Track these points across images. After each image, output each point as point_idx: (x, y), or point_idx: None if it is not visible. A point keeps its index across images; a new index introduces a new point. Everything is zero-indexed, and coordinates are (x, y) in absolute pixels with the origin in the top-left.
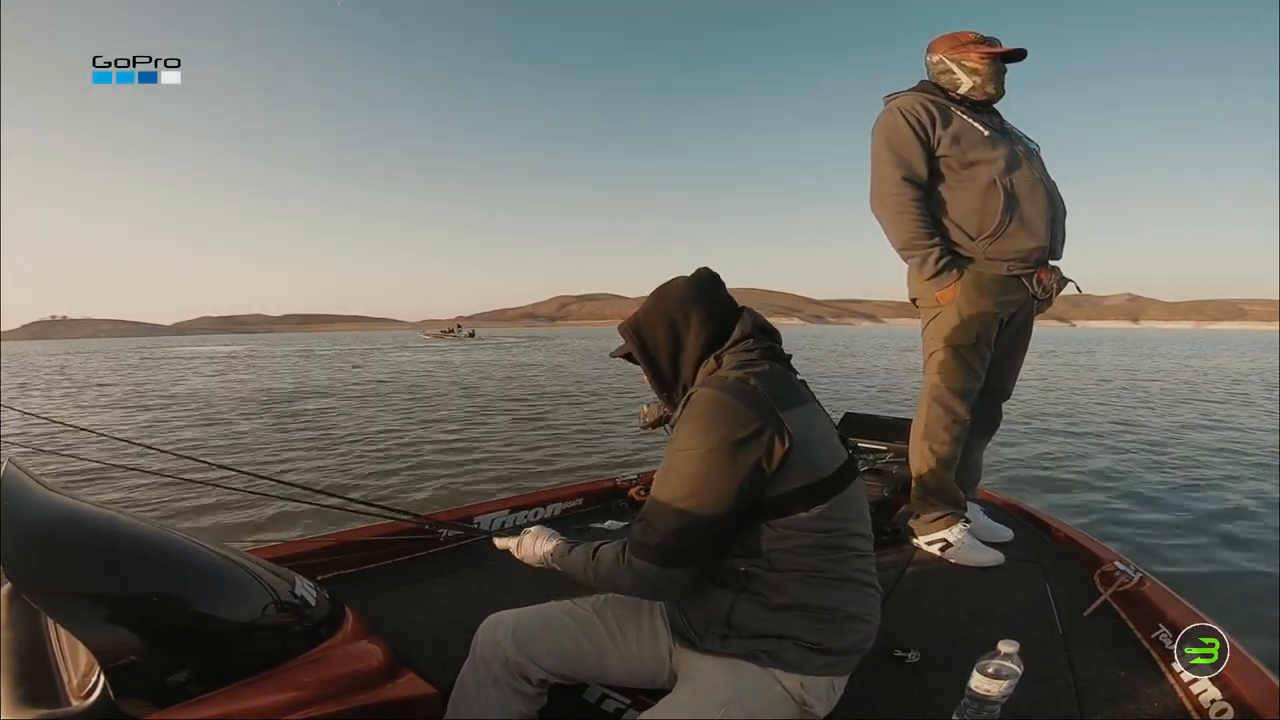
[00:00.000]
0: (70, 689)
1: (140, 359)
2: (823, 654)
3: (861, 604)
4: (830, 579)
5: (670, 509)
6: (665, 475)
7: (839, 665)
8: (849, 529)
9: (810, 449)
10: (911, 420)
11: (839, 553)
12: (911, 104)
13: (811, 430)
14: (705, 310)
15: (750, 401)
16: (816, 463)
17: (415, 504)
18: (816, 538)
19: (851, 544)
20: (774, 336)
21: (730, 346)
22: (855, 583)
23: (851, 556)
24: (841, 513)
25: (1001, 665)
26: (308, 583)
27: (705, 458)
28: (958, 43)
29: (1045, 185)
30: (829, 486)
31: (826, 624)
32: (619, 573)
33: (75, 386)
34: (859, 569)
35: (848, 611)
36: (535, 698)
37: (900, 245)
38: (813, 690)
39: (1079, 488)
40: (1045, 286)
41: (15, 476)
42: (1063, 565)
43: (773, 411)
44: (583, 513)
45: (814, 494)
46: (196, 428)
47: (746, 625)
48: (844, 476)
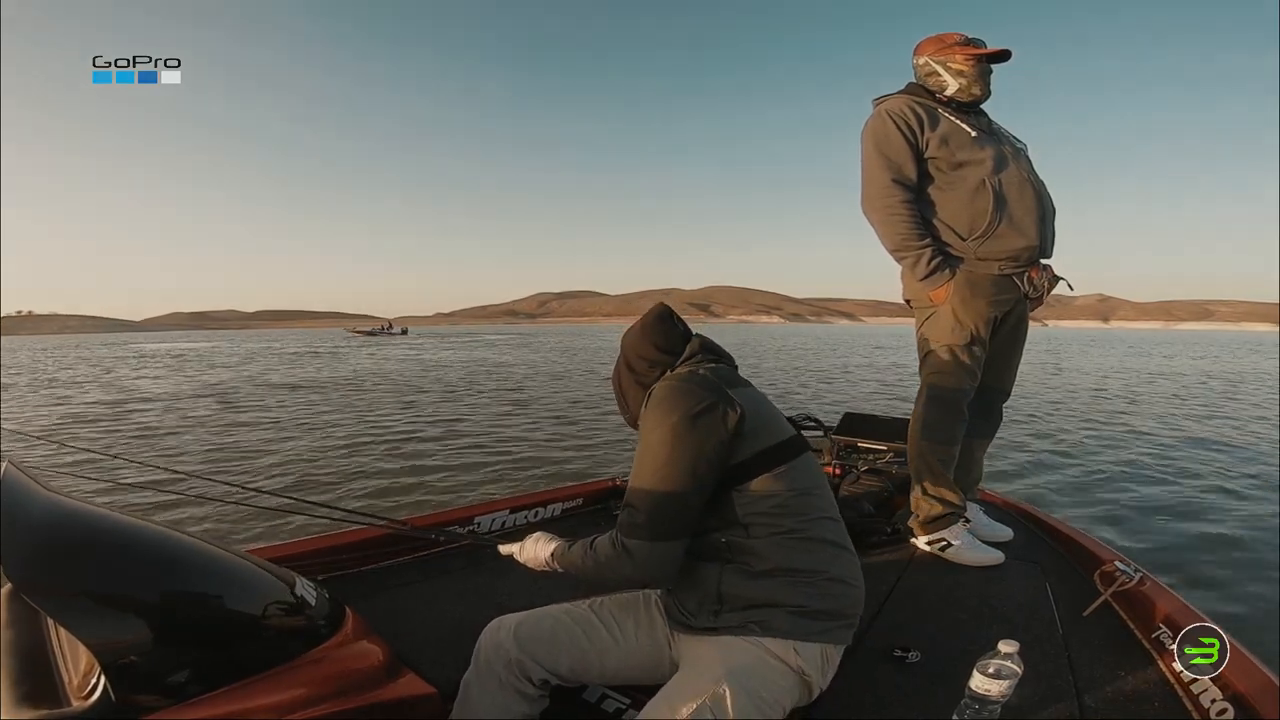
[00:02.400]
0: (70, 689)
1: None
2: (812, 618)
3: (842, 566)
4: (805, 538)
5: (648, 487)
6: (639, 459)
7: (830, 632)
8: (812, 492)
9: (760, 418)
10: (909, 420)
11: (809, 515)
12: (899, 107)
13: (758, 406)
14: (655, 347)
15: (700, 383)
16: (769, 431)
17: (415, 503)
18: (784, 499)
19: (819, 505)
20: (720, 354)
21: (682, 362)
22: (831, 544)
23: (821, 519)
24: (802, 477)
25: (1002, 665)
26: (308, 583)
27: (669, 432)
28: (943, 45)
29: (1034, 184)
30: (784, 451)
31: (810, 586)
32: (615, 557)
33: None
34: (832, 532)
35: (830, 573)
36: (538, 699)
37: (892, 247)
38: (807, 656)
39: (1080, 487)
40: (1036, 285)
41: (15, 477)
42: (1063, 565)
43: (721, 389)
44: (582, 512)
45: (772, 457)
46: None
47: (736, 595)
48: (796, 445)
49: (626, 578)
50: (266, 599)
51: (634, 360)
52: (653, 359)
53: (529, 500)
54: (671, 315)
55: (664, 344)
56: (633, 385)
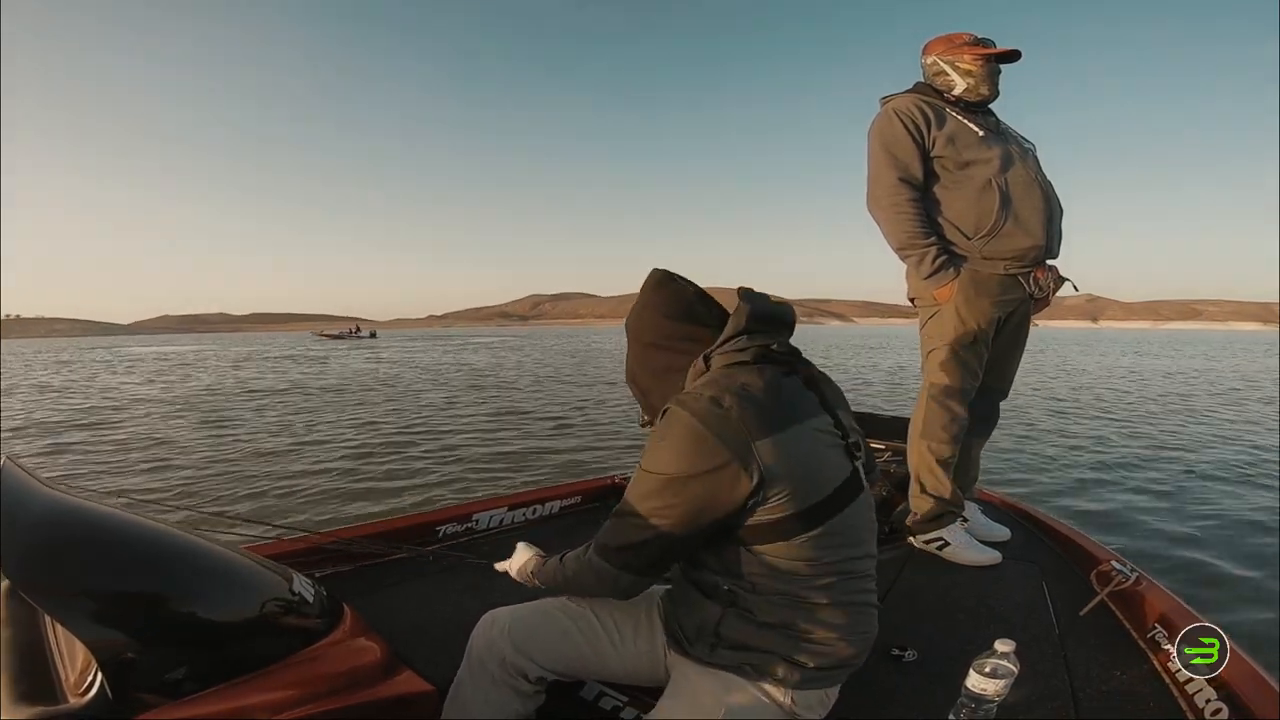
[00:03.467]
0: (67, 686)
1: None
2: (813, 670)
3: (856, 625)
4: (819, 604)
5: (630, 521)
6: (632, 489)
7: (831, 678)
8: (844, 553)
9: (794, 479)
10: (909, 419)
11: (829, 578)
12: (906, 105)
13: (798, 456)
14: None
15: (717, 429)
16: (800, 492)
17: (415, 503)
18: (801, 565)
19: (846, 568)
20: (775, 325)
21: (721, 345)
22: (851, 605)
23: (845, 580)
24: (833, 539)
25: (998, 664)
26: (305, 580)
27: (663, 484)
28: (952, 44)
29: (1041, 184)
30: (818, 513)
31: (817, 644)
32: (582, 571)
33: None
34: (856, 590)
35: (840, 634)
36: (533, 696)
37: (898, 245)
38: (802, 702)
39: (1078, 487)
40: (1042, 285)
41: (13, 473)
42: (1060, 564)
43: (743, 443)
44: (581, 510)
45: (797, 522)
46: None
47: (734, 638)
48: (841, 498)
49: (587, 592)
50: (264, 596)
51: (650, 352)
52: (671, 333)
53: (527, 498)
54: (673, 276)
55: (681, 309)
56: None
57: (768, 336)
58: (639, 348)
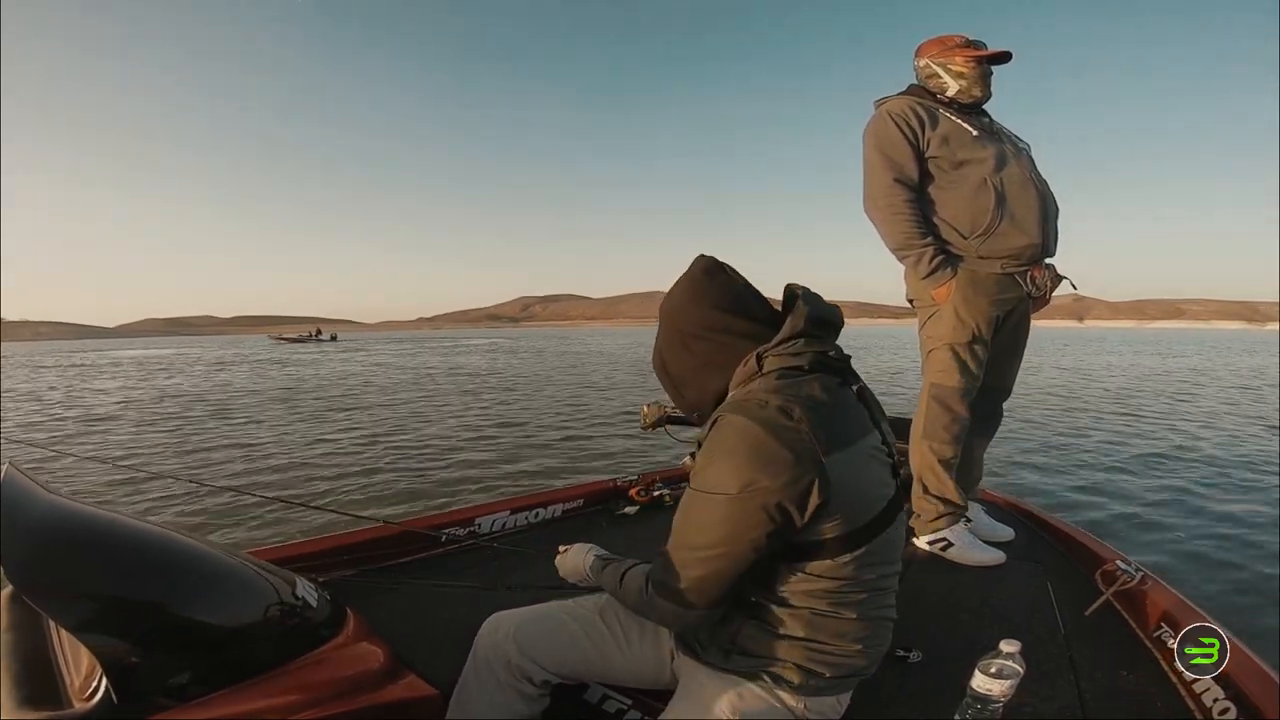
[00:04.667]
0: (72, 691)
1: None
2: (829, 680)
3: (874, 637)
4: (846, 619)
5: (692, 556)
6: (688, 516)
7: (844, 686)
8: (879, 571)
9: (850, 499)
10: (911, 419)
11: (861, 595)
12: (900, 107)
13: (857, 475)
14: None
15: (789, 443)
16: (853, 512)
17: (418, 503)
18: (840, 584)
19: (878, 585)
20: (830, 328)
21: (776, 347)
22: (872, 619)
23: (873, 595)
24: (873, 558)
25: (1003, 665)
26: (309, 584)
27: (731, 504)
28: (944, 46)
29: (1035, 183)
30: (863, 535)
31: (836, 655)
32: (644, 607)
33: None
34: (882, 605)
35: (860, 645)
36: (538, 699)
37: (895, 246)
38: (815, 709)
39: (1081, 486)
40: (1039, 284)
41: (16, 479)
42: (1064, 564)
43: (814, 458)
44: (584, 513)
45: (844, 544)
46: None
47: (751, 647)
48: (886, 517)
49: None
50: (267, 600)
51: (693, 340)
52: (715, 324)
53: (530, 501)
54: (723, 265)
55: (727, 302)
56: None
57: (821, 342)
58: (679, 336)
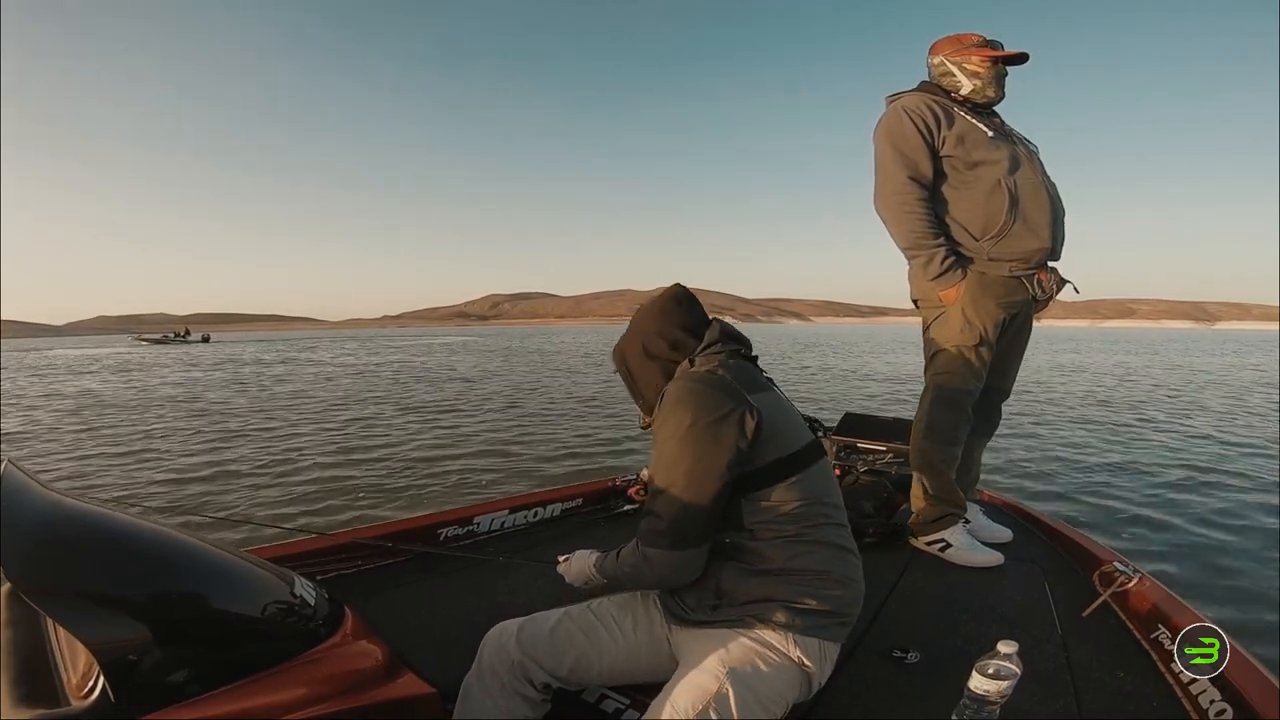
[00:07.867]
0: (70, 689)
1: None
2: (809, 615)
3: (843, 568)
4: (808, 542)
5: (669, 494)
6: (655, 464)
7: (827, 629)
8: (822, 499)
9: (778, 426)
10: (910, 421)
11: (815, 519)
12: (916, 104)
13: (777, 411)
14: (680, 328)
15: (719, 386)
16: (785, 438)
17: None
18: (793, 506)
19: (826, 512)
20: (741, 342)
21: (702, 350)
22: (833, 546)
23: (827, 524)
24: (813, 485)
25: (1001, 665)
26: (307, 582)
27: (687, 437)
28: (960, 45)
29: (1047, 187)
30: (799, 460)
31: (809, 585)
32: (638, 564)
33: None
34: (836, 535)
35: (830, 574)
36: (540, 703)
37: (905, 244)
38: (805, 648)
39: (1079, 487)
40: (1045, 288)
41: (14, 476)
42: (1062, 565)
43: (740, 394)
44: (583, 512)
45: (786, 466)
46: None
47: (734, 591)
48: (811, 454)
49: (650, 584)
50: (265, 599)
51: (652, 342)
52: (675, 340)
53: (528, 500)
54: (691, 296)
55: (689, 323)
56: (649, 369)
57: (737, 342)
58: (642, 339)
